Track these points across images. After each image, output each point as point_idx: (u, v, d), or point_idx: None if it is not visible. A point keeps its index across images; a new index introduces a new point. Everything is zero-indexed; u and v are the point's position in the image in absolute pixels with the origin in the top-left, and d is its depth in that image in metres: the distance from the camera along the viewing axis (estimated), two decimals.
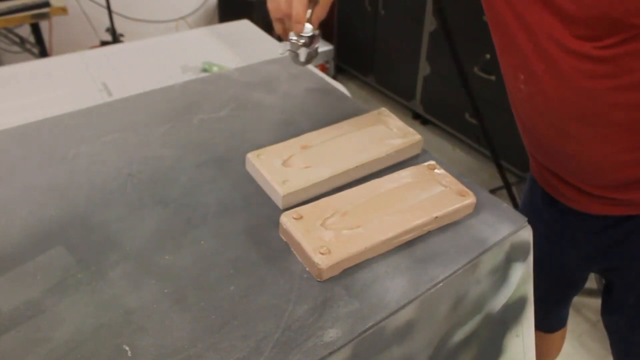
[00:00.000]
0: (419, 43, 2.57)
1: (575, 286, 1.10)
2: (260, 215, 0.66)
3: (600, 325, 1.74)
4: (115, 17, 2.56)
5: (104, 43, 2.60)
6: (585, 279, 1.09)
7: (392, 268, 0.60)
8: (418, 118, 2.84)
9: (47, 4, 2.06)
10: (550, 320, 1.18)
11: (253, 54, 1.56)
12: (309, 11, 0.76)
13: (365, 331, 0.53)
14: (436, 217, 0.64)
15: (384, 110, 0.83)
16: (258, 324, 0.53)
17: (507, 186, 2.00)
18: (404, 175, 0.70)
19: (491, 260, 0.65)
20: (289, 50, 0.79)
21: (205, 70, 1.47)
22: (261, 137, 0.81)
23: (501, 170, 1.92)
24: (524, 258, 0.69)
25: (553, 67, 0.70)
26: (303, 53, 0.80)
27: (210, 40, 1.67)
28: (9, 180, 0.71)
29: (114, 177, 0.72)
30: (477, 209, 0.69)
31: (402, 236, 0.62)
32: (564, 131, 0.76)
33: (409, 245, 0.63)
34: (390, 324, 0.55)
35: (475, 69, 2.32)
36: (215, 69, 1.47)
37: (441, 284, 0.59)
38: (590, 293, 1.84)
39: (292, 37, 0.77)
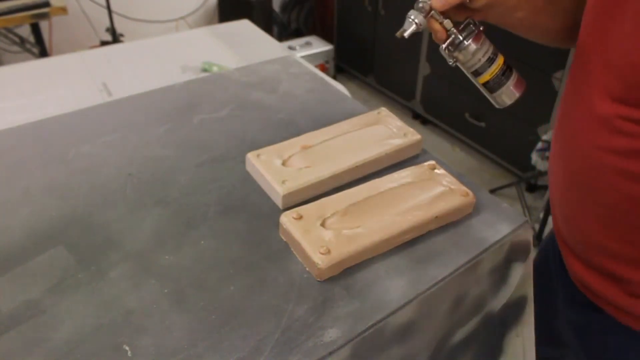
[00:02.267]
0: (419, 43, 2.57)
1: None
2: (260, 215, 0.66)
3: None
4: (115, 17, 2.55)
5: (104, 43, 2.60)
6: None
7: (392, 268, 0.60)
8: (418, 118, 2.84)
9: (47, 4, 2.06)
10: None
11: (253, 54, 1.56)
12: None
13: (365, 331, 0.53)
14: (436, 217, 0.64)
15: (384, 110, 0.83)
16: (258, 324, 0.53)
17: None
18: (404, 175, 0.70)
19: (491, 260, 0.65)
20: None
21: (205, 70, 1.47)
22: (261, 137, 0.81)
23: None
24: (524, 258, 0.69)
25: None
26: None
27: (210, 40, 1.67)
28: (9, 180, 0.71)
29: (114, 177, 0.72)
30: (477, 208, 0.69)
31: (402, 236, 0.62)
32: None
33: (409, 245, 0.63)
34: (390, 324, 0.55)
35: None
36: (215, 69, 1.47)
37: (441, 284, 0.59)
38: None
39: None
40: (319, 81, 0.98)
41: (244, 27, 1.80)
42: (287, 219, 0.62)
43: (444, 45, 0.68)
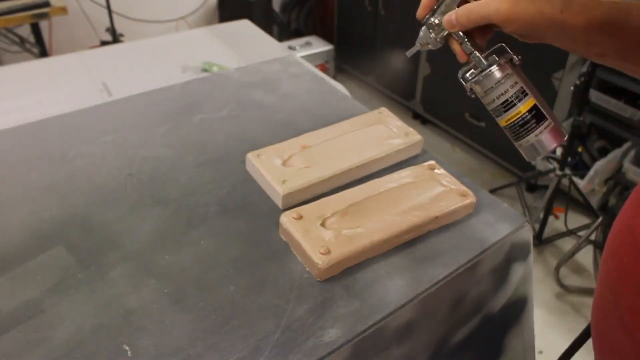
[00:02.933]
0: None
1: None
2: (260, 215, 0.66)
3: None
4: (115, 17, 2.55)
5: (104, 43, 2.60)
6: None
7: (392, 268, 0.60)
8: (418, 118, 2.83)
9: (47, 4, 2.06)
10: None
11: (253, 54, 1.56)
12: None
13: (365, 331, 0.53)
14: (436, 217, 0.64)
15: (384, 110, 0.83)
16: (258, 324, 0.53)
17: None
18: (404, 175, 0.70)
19: (491, 260, 0.65)
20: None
21: (205, 70, 1.47)
22: (261, 137, 0.81)
23: None
24: (524, 258, 0.69)
25: None
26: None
27: (210, 40, 1.67)
28: (9, 180, 0.71)
29: (114, 177, 0.72)
30: (477, 209, 0.68)
31: (402, 236, 0.62)
32: None
33: (409, 245, 0.63)
34: (390, 324, 0.55)
35: None
36: (215, 69, 1.47)
37: (441, 284, 0.59)
38: (591, 293, 1.84)
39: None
40: (319, 81, 0.97)
41: (244, 27, 1.80)
42: (287, 219, 0.62)
43: (460, 72, 0.59)
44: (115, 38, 2.57)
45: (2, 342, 0.50)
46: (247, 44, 1.67)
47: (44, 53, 2.28)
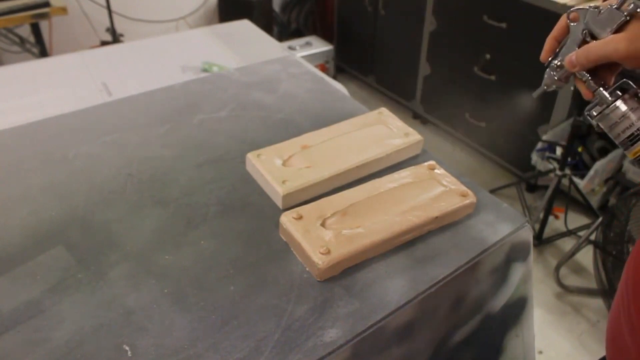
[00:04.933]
0: (419, 43, 2.57)
1: None
2: (260, 215, 0.66)
3: (600, 325, 1.74)
4: (115, 17, 2.55)
5: (104, 43, 2.60)
6: None
7: (392, 268, 0.60)
8: (418, 118, 2.83)
9: (47, 4, 2.06)
10: None
11: (253, 54, 1.56)
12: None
13: (365, 331, 0.53)
14: (436, 217, 0.64)
15: (384, 110, 0.83)
16: (258, 324, 0.53)
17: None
18: (404, 175, 0.70)
19: (491, 260, 0.65)
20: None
21: (205, 70, 1.47)
22: (261, 137, 0.81)
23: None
24: (524, 258, 0.69)
25: None
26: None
27: (210, 40, 1.67)
28: (9, 180, 0.71)
29: (114, 177, 0.72)
30: (477, 209, 0.68)
31: (402, 236, 0.62)
32: None
33: (409, 245, 0.63)
34: (390, 324, 0.55)
35: (475, 69, 2.32)
36: (215, 69, 1.47)
37: (441, 284, 0.59)
38: (591, 293, 1.84)
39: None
40: (319, 81, 0.97)
41: (244, 27, 1.80)
42: (287, 219, 0.62)
43: (586, 109, 0.60)
44: (115, 38, 2.57)
45: (2, 342, 0.50)
46: (247, 44, 1.67)
47: (44, 53, 2.28)
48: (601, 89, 0.58)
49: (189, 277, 0.58)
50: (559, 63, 0.60)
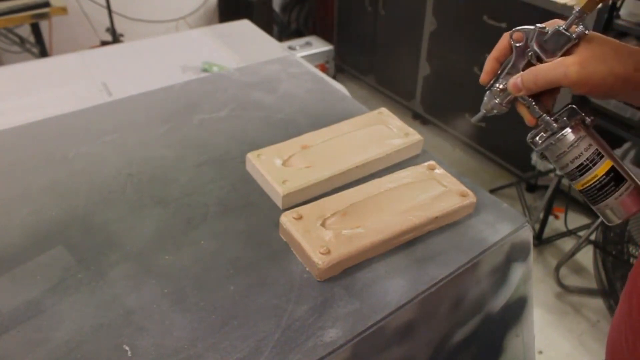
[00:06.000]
0: (419, 43, 2.57)
1: None
2: (260, 215, 0.66)
3: (600, 325, 1.74)
4: (115, 17, 2.55)
5: (104, 43, 2.60)
6: None
7: (392, 268, 0.60)
8: (418, 118, 2.84)
9: (47, 4, 2.06)
10: None
11: (253, 54, 1.56)
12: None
13: (365, 331, 0.53)
14: (436, 217, 0.64)
15: (384, 110, 0.83)
16: (258, 324, 0.53)
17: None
18: (404, 175, 0.70)
19: (491, 260, 0.65)
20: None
21: (205, 70, 1.47)
22: (261, 137, 0.81)
23: None
24: (524, 258, 0.69)
25: None
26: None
27: (210, 40, 1.67)
28: (9, 180, 0.71)
29: (114, 177, 0.72)
30: (477, 209, 0.68)
31: (402, 236, 0.62)
32: None
33: (409, 245, 0.63)
34: (390, 324, 0.55)
35: (475, 69, 2.32)
36: (215, 69, 1.47)
37: (441, 284, 0.59)
38: (591, 293, 1.84)
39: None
40: (319, 81, 0.97)
41: (244, 27, 1.80)
42: (287, 219, 0.62)
43: (529, 135, 0.56)
44: (115, 38, 2.57)
45: (2, 342, 0.50)
46: (247, 44, 1.67)
47: (44, 53, 2.28)
48: (546, 115, 0.54)
49: (189, 277, 0.58)
50: (501, 87, 0.56)
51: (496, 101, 0.57)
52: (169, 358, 0.49)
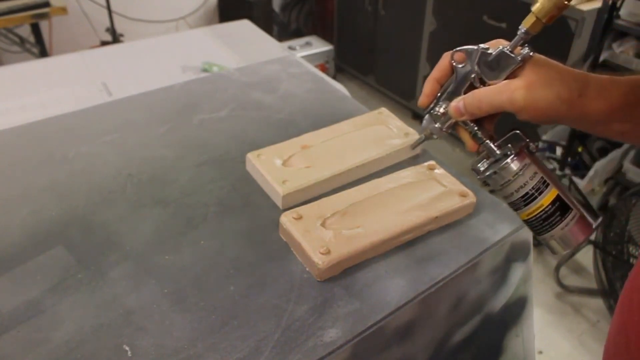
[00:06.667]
0: (419, 43, 2.57)
1: None
2: (260, 215, 0.66)
3: (600, 325, 1.74)
4: (115, 17, 2.55)
5: (104, 43, 2.60)
6: None
7: (392, 268, 0.60)
8: (418, 118, 2.84)
9: (47, 4, 2.06)
10: None
11: (253, 54, 1.56)
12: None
13: (365, 331, 0.53)
14: (436, 217, 0.64)
15: (384, 110, 0.83)
16: (258, 324, 0.53)
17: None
18: (404, 175, 0.70)
19: (491, 260, 0.65)
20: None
21: (205, 70, 1.47)
22: (261, 137, 0.81)
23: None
24: (523, 258, 0.69)
25: None
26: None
27: (210, 40, 1.67)
28: (9, 180, 0.71)
29: (114, 177, 0.72)
30: (477, 209, 0.68)
31: (402, 236, 0.62)
32: None
33: (409, 245, 0.63)
34: (390, 324, 0.55)
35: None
36: (215, 69, 1.47)
37: (441, 284, 0.59)
38: (590, 293, 1.84)
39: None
40: (319, 81, 0.97)
41: (244, 27, 1.80)
42: (287, 219, 0.62)
43: (472, 163, 0.54)
44: (115, 38, 2.57)
45: (2, 342, 0.50)
46: (247, 44, 1.66)
47: (44, 53, 2.28)
48: (489, 141, 0.51)
49: (189, 277, 0.58)
50: (442, 110, 0.53)
51: (436, 125, 0.54)
52: (169, 358, 0.49)
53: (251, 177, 0.72)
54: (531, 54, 0.49)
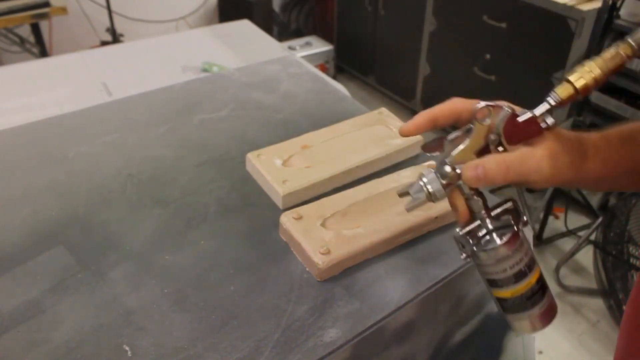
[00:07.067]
0: (419, 43, 2.57)
1: None
2: (260, 215, 0.66)
3: (601, 325, 1.74)
4: (115, 17, 2.55)
5: (104, 43, 2.60)
6: None
7: (392, 268, 0.60)
8: None
9: (47, 4, 2.06)
10: None
11: (253, 54, 1.56)
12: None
13: (365, 331, 0.53)
14: (436, 217, 0.64)
15: (384, 110, 0.83)
16: (258, 324, 0.53)
17: None
18: (404, 175, 0.70)
19: None
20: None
21: (205, 70, 1.47)
22: (261, 137, 0.81)
23: None
24: None
25: None
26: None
27: (210, 40, 1.67)
28: (9, 180, 0.71)
29: (114, 177, 0.72)
30: None
31: (402, 236, 0.62)
32: None
33: (409, 245, 0.63)
34: (390, 324, 0.55)
35: (475, 69, 2.32)
36: (215, 69, 1.47)
37: (441, 284, 0.59)
38: (591, 293, 1.84)
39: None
40: (319, 81, 0.97)
41: (244, 27, 1.80)
42: (287, 219, 0.62)
43: (460, 231, 0.47)
44: (115, 38, 2.57)
45: (2, 342, 0.50)
46: (247, 44, 1.67)
47: (44, 53, 2.29)
48: (484, 212, 0.46)
49: (189, 277, 0.58)
50: (448, 169, 0.44)
51: (429, 187, 0.46)
52: (169, 358, 0.49)
53: (251, 177, 0.72)
54: (555, 122, 0.45)
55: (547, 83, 2.03)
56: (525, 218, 0.47)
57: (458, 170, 0.44)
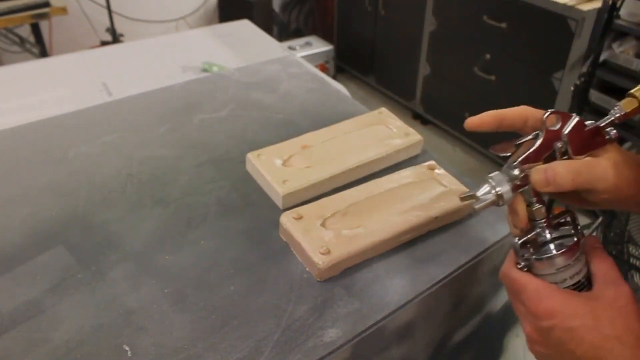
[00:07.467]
0: (419, 43, 2.57)
1: None
2: (260, 215, 0.66)
3: None
4: (115, 17, 2.56)
5: (104, 43, 2.60)
6: None
7: (392, 268, 0.60)
8: (418, 118, 2.84)
9: (47, 4, 2.06)
10: None
11: (253, 54, 1.56)
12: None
13: (365, 331, 0.53)
14: (436, 217, 0.64)
15: (384, 110, 0.83)
16: (258, 324, 0.53)
17: None
18: (404, 175, 0.70)
19: (491, 260, 0.65)
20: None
21: (205, 70, 1.47)
22: (261, 137, 0.81)
23: None
24: None
25: None
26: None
27: (210, 40, 1.67)
28: (9, 180, 0.71)
29: (114, 177, 0.72)
30: None
31: (402, 236, 0.62)
32: None
33: (409, 245, 0.63)
34: (390, 324, 0.55)
35: (475, 69, 2.32)
36: (215, 69, 1.47)
37: (441, 284, 0.59)
38: None
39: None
40: (319, 81, 0.98)
41: (244, 27, 1.80)
42: (287, 219, 0.62)
43: (518, 241, 0.47)
44: (115, 38, 2.57)
45: (2, 342, 0.50)
46: (247, 44, 1.67)
47: (44, 53, 2.29)
48: (544, 222, 0.46)
49: (189, 277, 0.58)
50: (516, 172, 0.45)
51: (498, 190, 0.46)
52: (169, 358, 0.49)
53: (251, 177, 0.72)
54: (617, 134, 0.46)
55: (547, 83, 2.03)
56: (582, 231, 0.47)
57: (517, 172, 0.45)
